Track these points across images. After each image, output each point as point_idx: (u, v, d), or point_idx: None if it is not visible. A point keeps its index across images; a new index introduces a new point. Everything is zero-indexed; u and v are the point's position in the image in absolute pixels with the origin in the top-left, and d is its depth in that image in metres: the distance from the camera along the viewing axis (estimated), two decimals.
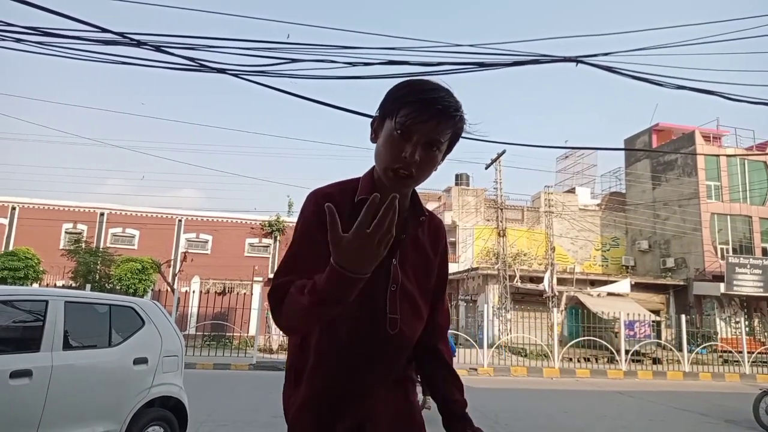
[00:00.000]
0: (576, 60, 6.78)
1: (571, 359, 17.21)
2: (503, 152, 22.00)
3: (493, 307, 20.17)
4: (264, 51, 6.24)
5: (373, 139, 1.30)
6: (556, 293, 20.81)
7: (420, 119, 1.19)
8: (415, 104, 1.19)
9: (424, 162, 1.22)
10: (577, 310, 20.80)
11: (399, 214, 1.22)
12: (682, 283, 24.07)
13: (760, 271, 22.43)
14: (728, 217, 24.33)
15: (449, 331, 1.65)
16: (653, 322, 19.83)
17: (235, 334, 18.04)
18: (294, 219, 25.24)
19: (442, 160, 1.32)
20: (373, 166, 1.32)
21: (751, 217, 24.50)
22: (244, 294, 19.71)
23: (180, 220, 23.95)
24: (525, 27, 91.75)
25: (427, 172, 1.26)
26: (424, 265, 1.39)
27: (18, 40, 5.68)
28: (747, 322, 20.17)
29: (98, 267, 19.71)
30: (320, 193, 1.31)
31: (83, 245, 21.19)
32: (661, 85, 7.03)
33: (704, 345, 18.80)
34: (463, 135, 1.32)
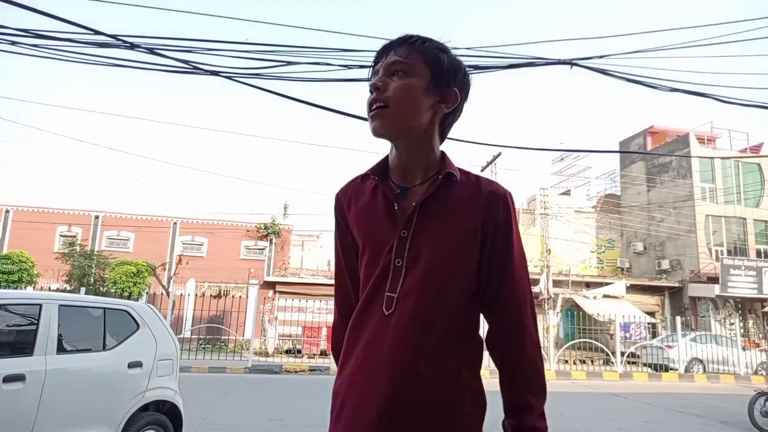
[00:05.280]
0: (570, 63, 6.80)
1: (567, 361, 17.23)
2: (499, 154, 22.01)
3: None
4: (259, 53, 6.24)
5: None
6: (552, 295, 20.82)
7: (379, 57, 1.21)
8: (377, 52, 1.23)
9: (391, 86, 1.15)
10: (572, 312, 20.84)
11: (412, 178, 1.21)
12: (677, 284, 24.15)
13: (754, 273, 22.52)
14: (723, 219, 24.42)
15: None
16: (648, 323, 19.90)
17: (230, 337, 17.97)
18: (289, 222, 25.20)
19: (441, 96, 1.18)
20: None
21: (745, 218, 24.60)
22: (240, 297, 19.66)
23: (175, 223, 23.85)
24: (520, 30, 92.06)
25: (401, 97, 1.14)
26: (451, 238, 1.13)
27: (12, 43, 5.66)
28: (741, 324, 20.26)
29: (93, 270, 19.63)
30: (339, 191, 1.30)
31: (78, 248, 21.09)
32: (655, 87, 7.06)
33: None
34: (461, 139, 1.29)
